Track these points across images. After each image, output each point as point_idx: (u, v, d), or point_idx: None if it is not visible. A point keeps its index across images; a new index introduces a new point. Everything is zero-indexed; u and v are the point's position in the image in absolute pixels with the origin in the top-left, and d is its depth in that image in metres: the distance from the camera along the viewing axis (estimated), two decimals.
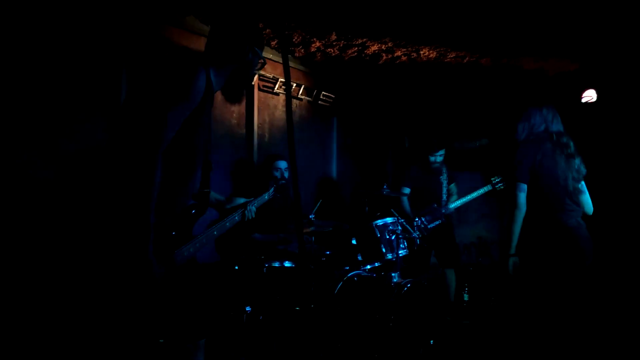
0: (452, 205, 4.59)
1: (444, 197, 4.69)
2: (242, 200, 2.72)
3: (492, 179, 4.60)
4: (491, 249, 6.03)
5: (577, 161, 3.05)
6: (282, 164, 4.04)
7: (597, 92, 5.22)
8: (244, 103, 4.52)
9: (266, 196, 2.90)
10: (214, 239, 2.31)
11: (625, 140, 4.95)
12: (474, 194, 4.57)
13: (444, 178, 4.76)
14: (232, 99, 2.30)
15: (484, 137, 6.26)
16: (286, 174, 4.06)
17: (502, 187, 4.56)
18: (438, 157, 4.72)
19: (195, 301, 2.05)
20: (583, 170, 3.07)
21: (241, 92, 2.36)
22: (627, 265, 4.62)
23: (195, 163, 1.95)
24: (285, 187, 3.83)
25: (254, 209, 2.71)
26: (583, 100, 5.30)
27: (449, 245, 4.74)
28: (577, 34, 4.29)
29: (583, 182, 3.11)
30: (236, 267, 3.52)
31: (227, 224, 2.39)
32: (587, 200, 3.11)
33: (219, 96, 4.35)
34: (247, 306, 3.33)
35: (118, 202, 1.67)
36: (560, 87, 5.40)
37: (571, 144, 3.08)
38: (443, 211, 4.58)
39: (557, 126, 3.16)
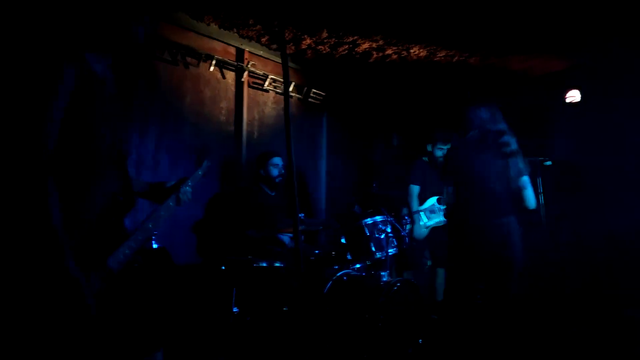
0: (444, 207, 4.62)
1: (445, 195, 4.70)
2: (172, 183, 2.36)
3: None
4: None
5: (518, 160, 3.07)
6: (279, 161, 4.03)
7: (581, 93, 5.28)
8: (233, 99, 4.48)
9: (200, 172, 2.52)
10: (151, 232, 2.07)
11: (608, 139, 5.02)
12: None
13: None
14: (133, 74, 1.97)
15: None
16: (275, 172, 4.04)
17: None
18: (445, 150, 4.72)
19: (144, 310, 1.87)
20: (524, 168, 3.07)
21: (139, 66, 2.03)
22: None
23: (103, 159, 1.73)
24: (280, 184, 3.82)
25: (189, 189, 2.31)
26: (567, 100, 5.36)
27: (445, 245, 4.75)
28: (563, 34, 4.33)
29: (525, 178, 3.09)
30: (222, 268, 3.48)
31: (162, 212, 2.13)
32: (527, 195, 3.08)
33: (208, 93, 4.34)
34: (235, 307, 3.30)
35: (15, 226, 1.48)
36: (545, 87, 5.45)
37: (512, 142, 3.11)
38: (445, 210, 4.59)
39: (495, 125, 3.19)
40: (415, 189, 4.75)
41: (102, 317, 1.63)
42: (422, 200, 4.71)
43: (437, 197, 4.68)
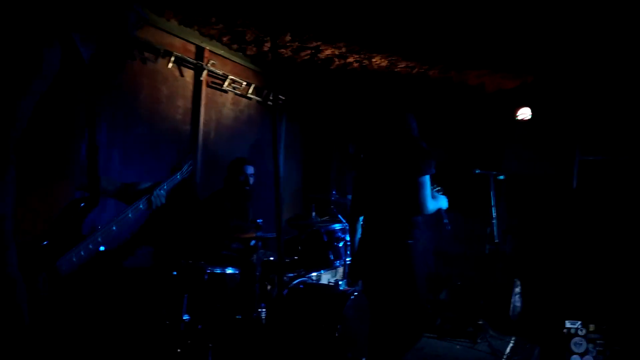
0: None
1: None
2: (147, 185, 2.21)
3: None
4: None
5: (410, 162, 3.01)
6: (250, 169, 3.99)
7: (532, 110, 5.48)
8: (190, 98, 4.34)
9: (179, 176, 2.41)
10: (114, 236, 1.93)
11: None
12: None
13: None
14: (108, 67, 1.88)
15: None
16: (251, 180, 3.98)
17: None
18: None
19: (93, 316, 1.80)
20: (416, 171, 2.99)
21: (120, 58, 1.94)
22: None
23: (71, 150, 1.63)
24: (249, 192, 3.73)
25: (163, 192, 2.19)
26: (518, 118, 5.55)
27: None
28: (517, 52, 4.48)
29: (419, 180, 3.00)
30: (174, 273, 3.34)
31: (130, 214, 2.02)
32: (416, 200, 2.99)
33: (165, 90, 4.18)
34: (185, 314, 3.16)
35: None
36: (498, 103, 5.62)
37: (402, 146, 3.10)
38: None
39: (385, 133, 3.25)
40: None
41: (40, 322, 1.49)
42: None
43: None
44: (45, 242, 1.56)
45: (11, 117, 1.32)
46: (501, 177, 4.77)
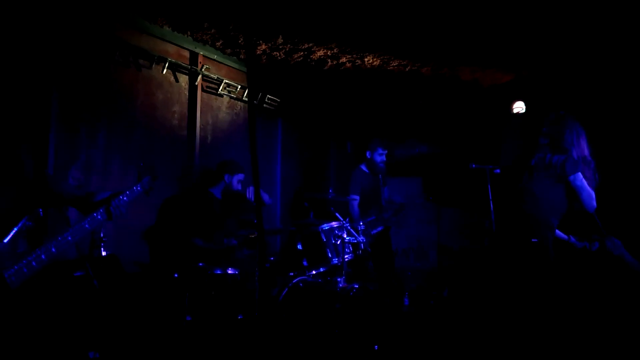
0: (387, 215, 4.67)
1: (384, 202, 4.76)
2: (105, 195, 2.19)
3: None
4: (429, 254, 6.21)
5: None
6: (241, 177, 4.09)
7: (526, 104, 5.51)
8: (186, 103, 4.39)
9: (139, 187, 2.38)
10: (71, 245, 1.92)
11: None
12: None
13: (382, 183, 4.82)
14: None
15: (423, 144, 6.45)
16: (239, 187, 4.03)
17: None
18: (384, 156, 4.77)
19: (41, 328, 1.76)
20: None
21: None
22: None
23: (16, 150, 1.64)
24: (238, 195, 3.77)
25: (123, 203, 2.16)
26: (514, 111, 5.57)
27: (387, 252, 4.80)
28: (511, 48, 4.51)
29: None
30: (175, 275, 3.38)
31: (87, 225, 2.00)
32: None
33: (160, 96, 4.23)
34: (188, 316, 3.20)
35: None
36: (493, 98, 5.66)
37: None
38: (385, 216, 4.64)
39: None
40: (355, 199, 4.77)
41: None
42: (363, 209, 4.76)
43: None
44: None
45: None
46: (497, 170, 4.79)
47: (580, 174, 3.18)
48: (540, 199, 3.29)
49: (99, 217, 2.08)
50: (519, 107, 5.57)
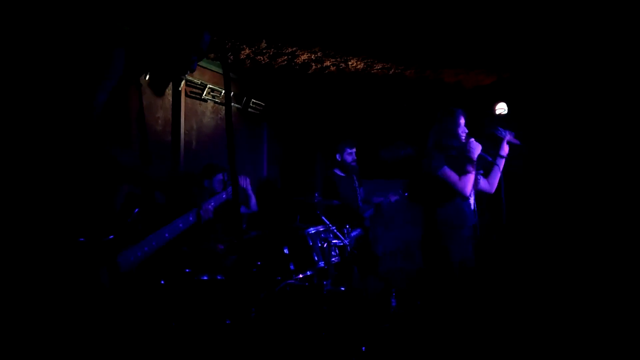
0: (367, 214, 4.70)
1: (360, 203, 4.78)
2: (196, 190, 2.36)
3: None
4: (415, 255, 6.24)
5: None
6: (219, 177, 4.04)
7: (508, 105, 5.57)
8: (170, 109, 4.37)
9: (224, 195, 2.51)
10: (166, 241, 1.98)
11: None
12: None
13: (357, 184, 4.84)
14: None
15: (409, 146, 6.49)
16: (220, 187, 4.02)
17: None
18: (354, 154, 4.77)
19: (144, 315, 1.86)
20: None
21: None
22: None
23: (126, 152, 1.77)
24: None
25: (211, 208, 2.27)
26: (496, 113, 5.63)
27: (369, 253, 4.82)
28: (492, 50, 4.57)
29: None
30: (162, 282, 3.36)
31: (181, 224, 2.07)
32: None
33: (143, 102, 4.19)
34: (173, 322, 3.19)
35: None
36: (476, 99, 5.72)
37: None
38: (365, 216, 4.66)
39: None
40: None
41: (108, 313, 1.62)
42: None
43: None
44: (110, 237, 1.64)
45: (90, 108, 1.56)
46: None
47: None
48: None
49: (190, 218, 2.14)
50: (501, 108, 5.63)
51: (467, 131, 3.35)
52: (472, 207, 3.32)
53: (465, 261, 3.22)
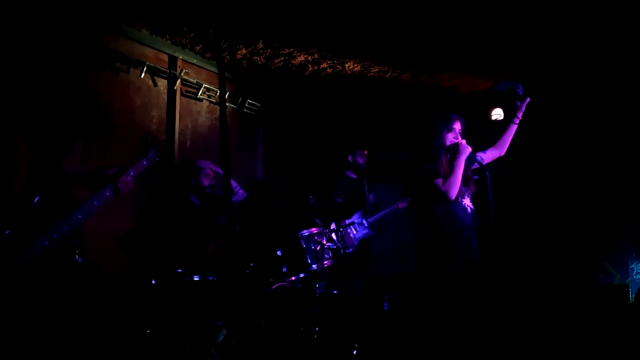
0: (372, 219, 4.69)
1: (369, 207, 4.77)
2: (113, 172, 2.15)
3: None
4: (408, 259, 6.22)
5: None
6: (207, 171, 3.98)
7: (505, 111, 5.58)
8: (164, 108, 4.34)
9: (145, 162, 2.37)
10: (79, 224, 1.89)
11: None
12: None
13: (367, 188, 4.84)
14: None
15: (405, 150, 6.48)
16: (207, 182, 3.99)
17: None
18: (365, 156, 4.82)
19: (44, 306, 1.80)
20: None
21: None
22: None
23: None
24: (217, 200, 3.74)
25: (130, 179, 2.14)
26: (492, 118, 5.64)
27: (361, 255, 4.81)
28: (488, 55, 4.58)
29: None
30: (153, 282, 3.34)
31: (96, 202, 1.98)
32: None
33: (138, 101, 4.18)
34: (166, 322, 3.16)
35: None
36: (473, 104, 5.72)
37: None
38: (370, 221, 4.65)
39: None
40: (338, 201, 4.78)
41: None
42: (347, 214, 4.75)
43: (362, 210, 4.73)
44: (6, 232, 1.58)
45: None
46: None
47: None
48: None
49: (106, 193, 2.05)
50: (497, 113, 5.64)
51: (460, 135, 3.35)
52: (469, 210, 3.30)
53: (467, 265, 3.19)
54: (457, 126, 3.37)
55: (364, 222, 4.67)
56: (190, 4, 3.61)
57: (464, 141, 3.25)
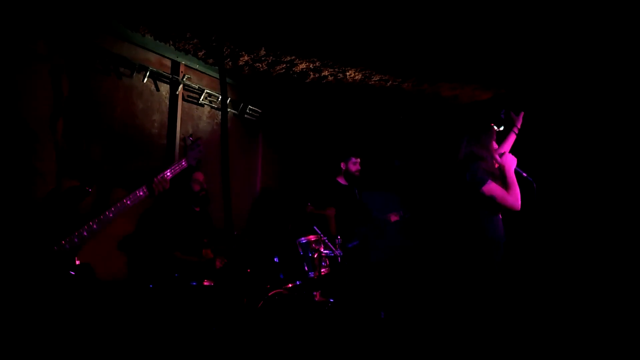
0: (364, 228, 4.70)
1: (359, 215, 4.78)
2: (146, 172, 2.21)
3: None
4: (407, 266, 6.23)
5: None
6: (199, 176, 3.98)
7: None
8: (166, 112, 4.37)
9: (184, 162, 2.35)
10: (110, 222, 1.91)
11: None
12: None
13: (358, 196, 4.85)
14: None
15: (406, 158, 6.50)
16: (205, 185, 3.99)
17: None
18: (358, 164, 4.81)
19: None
20: None
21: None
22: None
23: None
24: (205, 198, 3.75)
25: (167, 179, 2.14)
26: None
27: (363, 265, 4.82)
28: (489, 66, 4.61)
29: None
30: (150, 286, 3.35)
31: (129, 202, 2.00)
32: None
33: (140, 105, 4.21)
34: (164, 326, 3.18)
35: None
36: (473, 114, 5.75)
37: None
38: (362, 230, 4.66)
39: None
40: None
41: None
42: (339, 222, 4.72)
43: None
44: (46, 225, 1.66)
45: None
46: None
47: None
48: None
49: (140, 193, 2.06)
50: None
51: (497, 147, 3.39)
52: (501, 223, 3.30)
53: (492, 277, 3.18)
54: (495, 137, 3.41)
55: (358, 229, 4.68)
56: (194, 11, 3.64)
57: (510, 154, 3.29)
